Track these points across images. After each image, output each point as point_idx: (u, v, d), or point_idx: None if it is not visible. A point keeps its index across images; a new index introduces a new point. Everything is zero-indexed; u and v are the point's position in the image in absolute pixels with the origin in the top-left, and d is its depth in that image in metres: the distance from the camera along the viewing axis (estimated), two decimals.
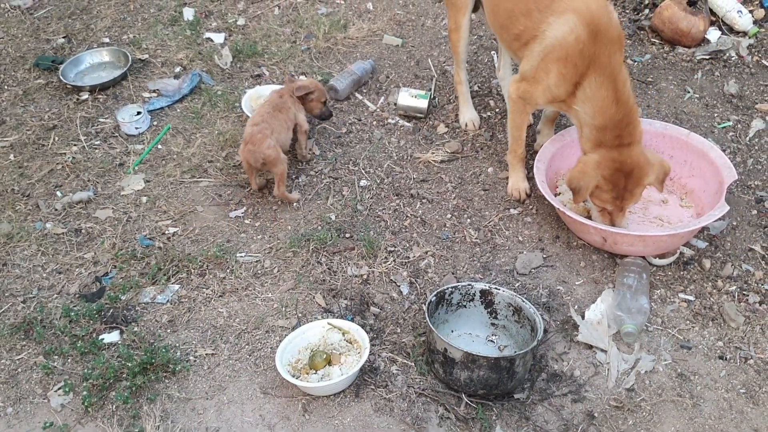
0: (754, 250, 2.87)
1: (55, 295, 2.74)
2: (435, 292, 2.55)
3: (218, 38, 4.06)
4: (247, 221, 3.04)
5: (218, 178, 3.23)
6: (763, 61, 3.70)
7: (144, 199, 3.13)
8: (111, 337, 2.57)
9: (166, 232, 2.98)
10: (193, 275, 2.79)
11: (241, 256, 2.88)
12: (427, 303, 2.50)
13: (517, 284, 2.79)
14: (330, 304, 2.70)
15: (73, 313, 2.62)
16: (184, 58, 3.90)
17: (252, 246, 2.93)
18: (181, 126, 3.50)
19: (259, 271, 2.82)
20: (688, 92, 3.56)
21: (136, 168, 3.28)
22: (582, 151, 2.81)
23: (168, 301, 2.71)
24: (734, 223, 2.97)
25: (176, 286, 2.76)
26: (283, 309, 2.67)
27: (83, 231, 2.99)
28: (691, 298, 2.71)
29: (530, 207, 3.10)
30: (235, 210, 3.09)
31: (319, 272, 2.82)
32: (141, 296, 2.72)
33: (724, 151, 3.23)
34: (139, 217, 3.04)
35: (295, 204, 3.11)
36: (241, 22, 4.20)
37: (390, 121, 3.57)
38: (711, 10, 3.81)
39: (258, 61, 3.91)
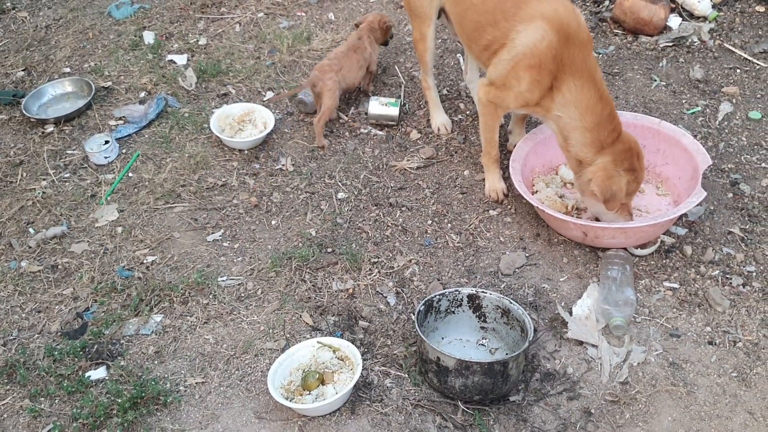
0: (733, 232, 2.90)
1: (37, 335, 2.68)
2: (423, 301, 2.53)
3: (181, 60, 4.01)
4: (225, 244, 3.00)
5: (193, 202, 3.19)
6: (725, 44, 3.75)
7: (119, 229, 3.07)
8: (98, 373, 2.52)
9: (145, 261, 2.93)
10: (176, 304, 2.75)
11: (223, 280, 2.84)
12: (416, 313, 2.48)
13: (502, 285, 2.79)
14: (318, 322, 2.67)
15: (56, 352, 2.56)
16: (148, 83, 3.84)
17: (233, 269, 2.89)
18: (151, 152, 3.45)
19: (243, 294, 2.78)
20: (655, 80, 3.60)
21: (109, 198, 3.22)
22: (582, 162, 2.75)
23: (153, 331, 2.66)
24: (711, 208, 3.00)
25: (160, 316, 2.71)
26: (271, 331, 2.64)
27: (60, 267, 2.92)
28: (676, 285, 2.73)
29: (509, 207, 3.11)
30: (212, 233, 3.05)
31: (303, 290, 2.79)
32: (125, 329, 2.67)
33: (695, 136, 3.26)
34: (116, 248, 2.99)
35: (322, 148, 3.40)
36: (202, 41, 4.15)
37: (362, 130, 3.55)
38: None
39: (223, 80, 3.86)
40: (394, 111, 3.52)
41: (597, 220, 2.86)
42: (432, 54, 3.31)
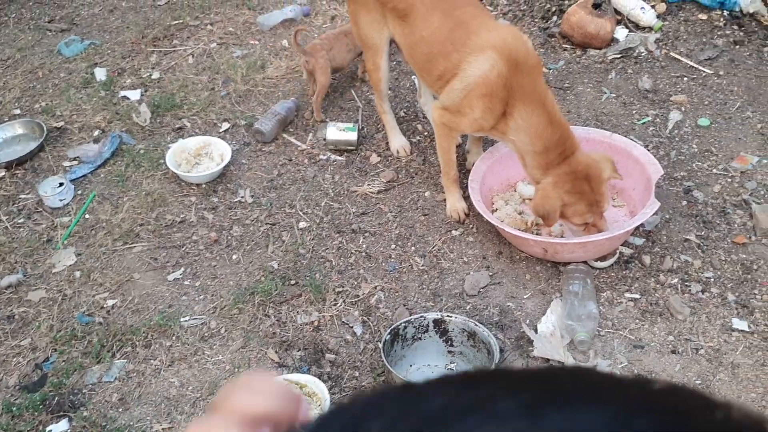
0: (690, 240, 2.95)
1: None
2: (389, 330, 2.53)
3: (134, 95, 3.97)
4: (186, 282, 2.97)
5: (152, 241, 3.15)
6: (671, 53, 3.83)
7: (77, 273, 3.02)
8: (59, 426, 2.46)
9: (105, 305, 2.88)
10: (139, 347, 2.70)
11: (186, 320, 2.80)
12: (382, 342, 2.48)
13: (468, 306, 2.79)
14: (283, 358, 2.64)
15: (15, 408, 2.50)
16: (102, 121, 3.80)
17: (195, 308, 2.85)
18: (107, 192, 3.40)
19: (206, 334, 2.75)
20: (605, 93, 3.65)
21: (66, 242, 3.17)
22: (534, 182, 2.82)
23: (116, 378, 2.61)
24: (667, 216, 3.05)
25: (122, 362, 2.66)
26: (236, 370, 2.61)
27: (17, 317, 2.86)
28: (637, 296, 2.77)
29: (471, 226, 3.12)
30: (172, 272, 3.01)
31: (268, 326, 2.76)
32: (87, 377, 2.62)
33: (647, 146, 3.31)
34: (75, 294, 2.93)
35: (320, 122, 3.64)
36: (155, 75, 4.12)
37: (321, 157, 3.54)
38: (615, 9, 3.92)
39: (178, 114, 3.83)
40: (353, 136, 3.52)
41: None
42: (386, 82, 3.34)
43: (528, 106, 2.71)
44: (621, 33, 3.88)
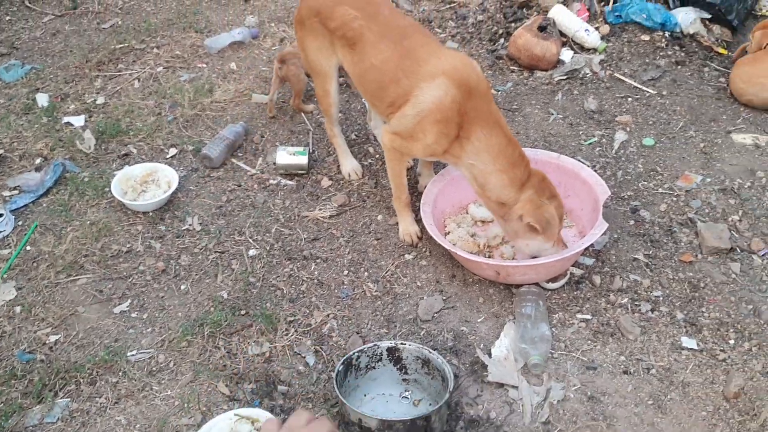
0: (638, 259, 2.99)
1: None
2: (342, 360, 2.49)
3: (78, 121, 3.87)
4: (133, 315, 2.88)
5: (97, 273, 3.05)
6: (615, 74, 3.90)
7: (18, 308, 2.90)
8: None
9: (47, 341, 2.77)
10: (83, 385, 2.60)
11: (133, 355, 2.71)
12: (335, 373, 2.43)
13: (422, 332, 2.77)
14: (234, 391, 2.58)
15: None
16: (44, 148, 3.68)
17: (143, 341, 2.77)
18: (50, 222, 3.29)
19: (154, 368, 2.67)
20: (553, 114, 3.70)
21: (5, 276, 3.05)
22: (505, 203, 2.79)
23: (59, 418, 2.51)
24: (615, 236, 3.08)
25: (66, 401, 2.56)
26: (186, 405, 2.53)
27: None
28: (589, 316, 2.79)
29: (424, 250, 3.11)
30: (119, 304, 2.92)
31: (218, 358, 2.70)
32: (27, 419, 2.50)
33: (594, 166, 3.36)
34: (15, 330, 2.82)
35: (309, 113, 3.80)
36: (100, 100, 4.03)
37: (272, 181, 3.50)
38: (561, 32, 3.99)
39: (123, 140, 3.75)
40: (303, 160, 3.49)
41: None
42: (337, 107, 3.32)
43: (485, 129, 2.75)
44: (566, 55, 3.94)
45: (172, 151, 3.67)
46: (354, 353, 2.53)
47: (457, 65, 2.79)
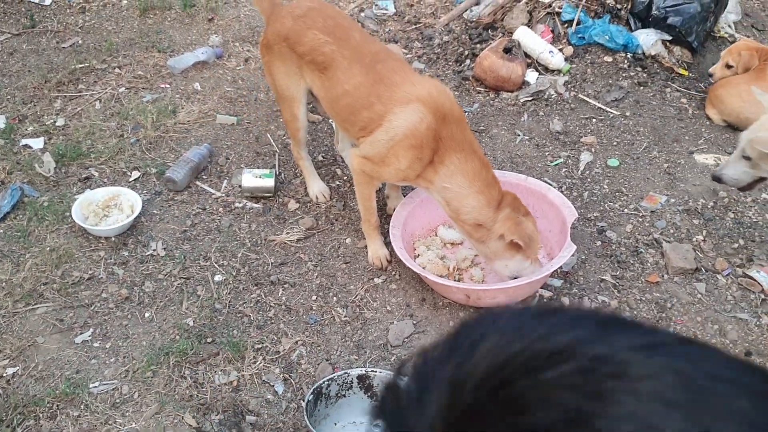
0: (606, 280, 3.01)
1: None
2: (312, 390, 2.45)
3: (37, 144, 3.77)
4: (96, 344, 2.80)
5: (57, 301, 2.96)
6: (579, 95, 3.95)
7: None
8: None
9: (4, 374, 2.67)
10: (43, 419, 2.51)
11: (95, 386, 2.63)
12: (305, 403, 2.39)
13: (392, 358, 2.74)
14: (201, 423, 2.51)
15: None
16: (1, 172, 3.58)
17: (105, 372, 2.69)
18: (7, 248, 3.19)
19: (118, 400, 2.59)
20: (519, 135, 3.72)
21: None
22: (482, 225, 2.79)
23: None
24: (583, 257, 3.10)
25: None
26: None
27: None
28: None
29: (393, 273, 3.09)
30: (80, 334, 2.83)
31: (184, 388, 2.63)
32: None
33: (561, 187, 3.39)
34: None
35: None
36: (60, 122, 3.93)
37: (237, 204, 3.45)
38: (526, 53, 4.02)
39: (84, 163, 3.66)
40: (269, 182, 3.45)
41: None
42: (305, 130, 3.29)
43: (461, 153, 2.77)
44: (532, 76, 3.98)
45: (135, 174, 3.60)
46: (324, 381, 2.49)
47: (431, 91, 2.80)
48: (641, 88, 3.98)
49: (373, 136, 2.85)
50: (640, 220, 3.24)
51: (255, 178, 3.45)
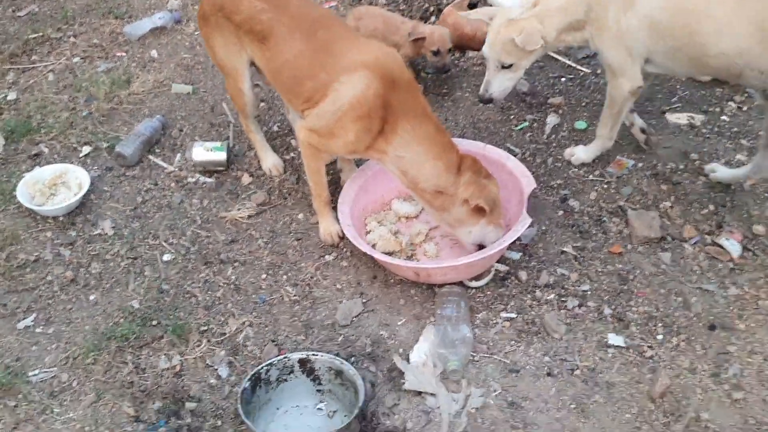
0: (566, 251, 2.88)
1: None
2: (248, 376, 2.37)
3: None
4: (38, 330, 2.73)
5: (1, 285, 2.88)
6: (548, 52, 3.74)
7: None
8: None
9: None
10: None
11: (34, 375, 2.56)
12: (240, 391, 2.31)
13: (340, 338, 2.65)
14: (140, 411, 2.44)
15: None
16: None
17: (46, 359, 2.62)
18: None
19: (56, 389, 2.52)
20: None
21: None
22: (443, 192, 2.68)
23: None
24: (543, 228, 2.97)
25: None
26: (87, 429, 2.40)
27: None
28: (513, 315, 2.68)
29: (345, 250, 2.97)
30: (23, 319, 2.76)
31: (125, 374, 2.56)
32: None
33: (524, 153, 3.24)
34: None
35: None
36: (11, 96, 3.80)
37: (190, 179, 3.33)
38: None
39: (35, 139, 3.54)
40: (221, 155, 3.32)
41: (480, 248, 2.74)
42: (252, 104, 3.14)
43: (413, 119, 2.65)
44: None
45: (86, 149, 3.48)
46: (263, 367, 2.41)
47: (378, 56, 2.67)
48: None
49: (318, 108, 2.71)
50: (605, 186, 3.09)
51: (206, 152, 3.32)
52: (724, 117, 3.39)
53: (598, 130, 3.09)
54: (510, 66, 2.87)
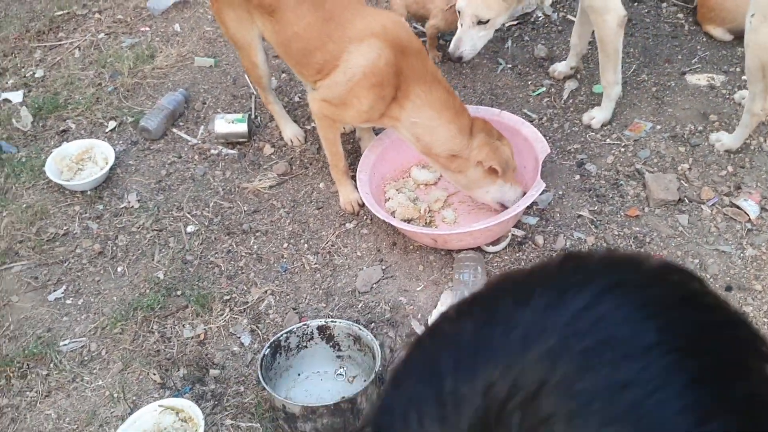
0: (583, 215, 2.88)
1: None
2: (268, 344, 2.44)
3: (16, 97, 3.75)
4: (68, 301, 2.83)
5: (32, 259, 2.99)
6: (568, 15, 3.70)
7: None
8: None
9: None
10: (14, 379, 2.58)
11: (65, 344, 2.68)
12: (260, 358, 2.39)
13: (360, 305, 2.71)
14: (166, 379, 2.54)
15: None
16: None
17: (76, 329, 2.73)
18: None
19: (86, 358, 2.63)
20: (501, 64, 3.53)
21: None
22: (457, 155, 2.71)
23: None
24: (560, 192, 2.97)
25: None
26: (116, 396, 2.51)
27: None
28: None
29: (365, 218, 3.02)
30: (54, 291, 2.87)
31: (152, 343, 2.65)
32: None
33: (541, 119, 3.22)
34: None
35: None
36: (39, 73, 3.89)
37: (213, 151, 3.39)
38: None
39: (62, 115, 3.63)
40: (242, 127, 3.37)
41: (504, 208, 2.77)
42: (268, 76, 3.17)
43: (425, 85, 2.67)
44: None
45: (112, 124, 3.56)
46: (282, 335, 2.48)
47: (386, 24, 2.68)
48: (635, 4, 3.71)
49: (330, 79, 2.73)
50: (623, 150, 3.07)
51: (227, 124, 3.37)
52: (744, 77, 3.32)
53: (602, 80, 3.06)
54: (486, 22, 2.85)
